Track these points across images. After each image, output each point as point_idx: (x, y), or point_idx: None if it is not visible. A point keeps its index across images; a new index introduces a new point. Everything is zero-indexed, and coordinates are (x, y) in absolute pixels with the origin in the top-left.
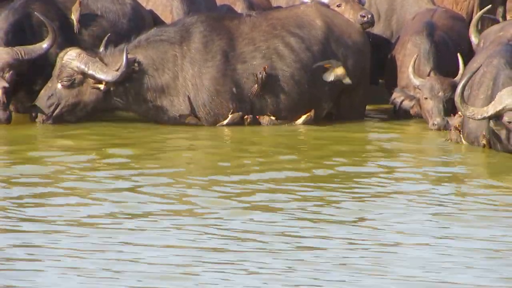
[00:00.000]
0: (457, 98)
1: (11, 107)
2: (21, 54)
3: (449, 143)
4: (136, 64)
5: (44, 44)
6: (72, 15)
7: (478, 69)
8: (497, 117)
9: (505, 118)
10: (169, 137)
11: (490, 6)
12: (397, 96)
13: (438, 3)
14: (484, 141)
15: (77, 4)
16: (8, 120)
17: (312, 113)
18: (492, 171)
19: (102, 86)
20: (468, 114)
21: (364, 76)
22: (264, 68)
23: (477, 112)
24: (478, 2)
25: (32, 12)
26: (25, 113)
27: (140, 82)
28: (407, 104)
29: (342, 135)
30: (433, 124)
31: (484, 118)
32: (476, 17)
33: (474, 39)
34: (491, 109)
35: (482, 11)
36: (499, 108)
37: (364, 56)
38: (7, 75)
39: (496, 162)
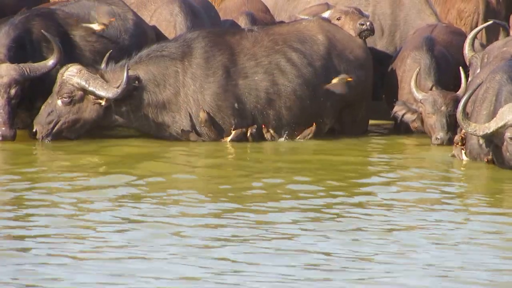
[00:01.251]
0: (458, 115)
1: None
2: (26, 71)
3: (452, 159)
4: (137, 82)
5: (50, 62)
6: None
7: (479, 85)
8: (499, 133)
9: (507, 134)
10: (169, 155)
11: (488, 22)
12: (399, 110)
13: (442, 19)
14: (487, 157)
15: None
16: (14, 137)
17: (313, 128)
18: (496, 190)
19: (102, 102)
20: (470, 130)
21: (366, 91)
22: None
23: (479, 128)
24: (483, 17)
25: (33, 28)
26: (24, 129)
27: (141, 98)
28: (409, 117)
29: (344, 151)
30: (436, 139)
31: (486, 135)
32: (473, 31)
33: (467, 52)
34: (492, 126)
35: (478, 28)
36: (500, 124)
37: (366, 71)
38: (13, 91)
39: (499, 180)
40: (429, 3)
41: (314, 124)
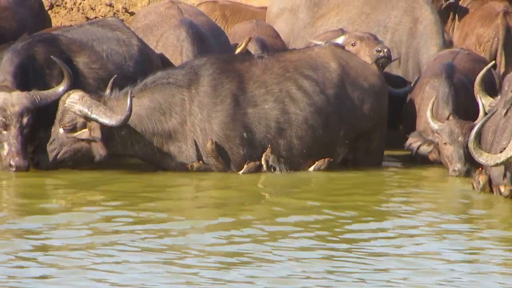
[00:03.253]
0: (470, 144)
1: None
2: (37, 98)
3: (470, 192)
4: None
5: (60, 89)
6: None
7: (493, 113)
8: (509, 163)
9: None
10: (174, 185)
11: (494, 62)
12: (413, 141)
13: (459, 44)
14: (506, 190)
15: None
16: (28, 168)
17: (326, 159)
18: None
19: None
20: (482, 160)
21: (381, 120)
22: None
23: (490, 158)
24: (502, 43)
25: (35, 54)
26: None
27: (146, 128)
28: (425, 149)
29: (357, 183)
30: (453, 171)
31: (497, 165)
32: (480, 75)
33: (480, 99)
34: (503, 156)
35: (484, 70)
36: (510, 154)
37: (381, 99)
38: (25, 120)
39: None
40: (440, 32)
41: (328, 158)
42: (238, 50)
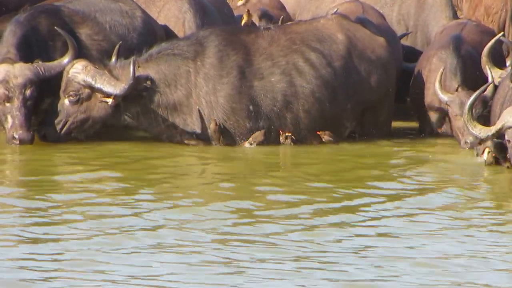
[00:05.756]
0: (465, 116)
1: None
2: (41, 70)
3: (482, 164)
4: (148, 82)
5: (65, 60)
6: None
7: (489, 85)
8: (500, 136)
9: (506, 137)
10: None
11: (502, 33)
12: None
13: (470, 16)
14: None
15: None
16: (32, 141)
17: (333, 133)
18: None
19: (110, 100)
20: (475, 132)
21: (388, 93)
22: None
23: (483, 131)
24: (510, 15)
25: (38, 26)
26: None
27: (151, 99)
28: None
29: (365, 155)
30: (465, 143)
31: (488, 137)
32: (487, 46)
33: (488, 70)
34: (493, 128)
35: (492, 41)
36: (499, 126)
37: (389, 71)
38: (28, 92)
39: None
40: (449, 5)
41: (335, 132)
42: (242, 22)
